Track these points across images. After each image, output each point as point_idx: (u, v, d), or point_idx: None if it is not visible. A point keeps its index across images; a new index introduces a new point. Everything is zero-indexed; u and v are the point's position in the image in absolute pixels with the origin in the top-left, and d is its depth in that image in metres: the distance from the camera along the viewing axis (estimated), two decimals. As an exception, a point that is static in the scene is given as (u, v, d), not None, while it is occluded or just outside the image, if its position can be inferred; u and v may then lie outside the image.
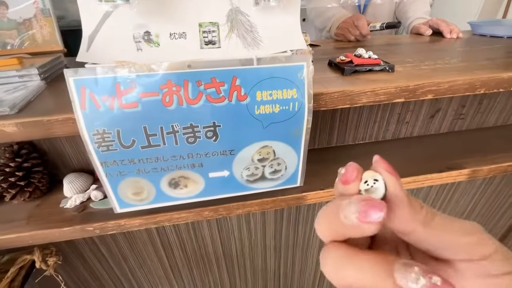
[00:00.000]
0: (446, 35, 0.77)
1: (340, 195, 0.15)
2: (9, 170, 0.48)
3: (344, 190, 0.15)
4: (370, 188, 0.14)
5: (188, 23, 0.37)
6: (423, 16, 0.90)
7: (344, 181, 0.14)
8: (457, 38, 0.76)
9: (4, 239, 0.45)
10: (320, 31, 0.98)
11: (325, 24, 0.91)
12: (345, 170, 0.15)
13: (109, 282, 0.73)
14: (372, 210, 0.12)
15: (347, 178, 0.14)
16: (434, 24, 0.81)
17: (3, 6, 0.55)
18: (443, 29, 0.78)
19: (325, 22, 0.91)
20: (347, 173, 0.14)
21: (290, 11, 0.38)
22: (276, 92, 0.36)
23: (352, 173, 0.14)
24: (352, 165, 0.15)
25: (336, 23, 0.85)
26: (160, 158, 0.39)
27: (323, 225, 0.15)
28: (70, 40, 0.63)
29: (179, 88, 0.34)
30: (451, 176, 0.54)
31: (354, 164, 0.15)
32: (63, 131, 0.36)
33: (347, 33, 0.77)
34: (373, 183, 0.14)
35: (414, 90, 0.42)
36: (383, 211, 0.12)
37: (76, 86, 0.33)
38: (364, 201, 0.13)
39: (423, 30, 0.82)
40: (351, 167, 0.15)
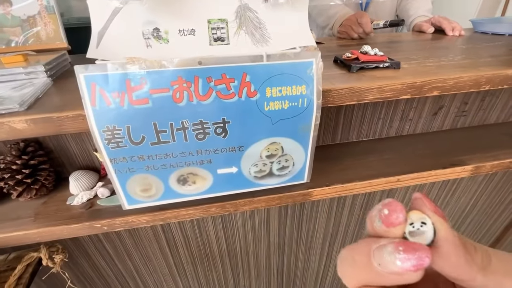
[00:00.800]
0: (448, 33, 0.77)
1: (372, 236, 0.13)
2: (15, 168, 0.48)
3: (385, 232, 0.13)
4: (415, 231, 0.12)
5: (197, 20, 0.37)
6: (425, 14, 0.91)
7: (388, 224, 0.12)
8: (459, 35, 0.77)
9: (12, 236, 0.45)
10: (323, 29, 0.98)
11: (328, 21, 0.91)
12: (388, 209, 0.12)
13: (113, 279, 0.74)
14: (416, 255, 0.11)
15: (392, 220, 0.12)
16: (436, 22, 0.82)
17: (6, 3, 0.54)
18: (445, 26, 0.78)
19: (327, 19, 0.91)
20: (392, 215, 0.12)
21: (298, 8, 0.38)
22: (286, 89, 0.36)
23: (399, 215, 0.12)
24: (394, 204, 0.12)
25: (339, 20, 0.85)
26: (169, 155, 0.39)
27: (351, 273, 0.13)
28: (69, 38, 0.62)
29: (189, 85, 0.34)
30: (454, 172, 0.55)
31: (397, 203, 0.13)
32: (73, 127, 0.36)
33: (350, 30, 0.77)
34: (419, 225, 0.12)
35: (420, 87, 0.43)
36: (429, 256, 0.11)
37: (86, 82, 0.33)
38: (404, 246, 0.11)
39: (425, 28, 0.82)
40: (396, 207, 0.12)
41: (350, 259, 0.13)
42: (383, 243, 0.12)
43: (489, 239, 0.99)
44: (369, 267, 0.12)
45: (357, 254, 0.13)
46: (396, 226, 0.12)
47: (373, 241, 0.13)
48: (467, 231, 0.93)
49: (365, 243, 0.13)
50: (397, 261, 0.11)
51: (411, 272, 0.11)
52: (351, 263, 0.13)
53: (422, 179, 0.55)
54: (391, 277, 0.11)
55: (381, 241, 0.12)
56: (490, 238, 0.99)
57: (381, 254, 0.12)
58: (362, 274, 0.13)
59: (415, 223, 0.12)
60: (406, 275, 0.11)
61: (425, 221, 0.12)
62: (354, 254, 0.13)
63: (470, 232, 0.94)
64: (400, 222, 0.12)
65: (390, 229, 0.12)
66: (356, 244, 0.13)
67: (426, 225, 0.12)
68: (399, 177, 0.54)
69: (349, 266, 0.13)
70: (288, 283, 0.92)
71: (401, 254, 0.11)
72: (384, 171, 0.55)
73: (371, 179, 0.53)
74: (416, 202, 0.13)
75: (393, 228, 0.12)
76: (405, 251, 0.11)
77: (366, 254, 0.12)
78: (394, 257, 0.11)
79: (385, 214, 0.12)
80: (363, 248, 0.13)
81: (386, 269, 0.11)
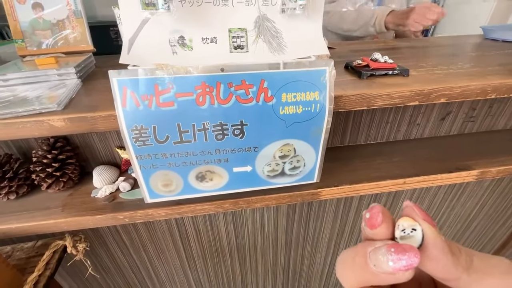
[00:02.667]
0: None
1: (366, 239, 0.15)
2: (46, 161, 0.52)
3: (372, 235, 0.14)
4: (406, 236, 0.14)
5: (219, 29, 0.40)
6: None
7: (370, 226, 0.14)
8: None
9: (43, 224, 0.49)
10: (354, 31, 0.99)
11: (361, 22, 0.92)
12: (370, 214, 0.14)
13: (128, 269, 0.78)
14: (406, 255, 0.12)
15: (373, 222, 0.14)
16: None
17: (39, 8, 0.58)
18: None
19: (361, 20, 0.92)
20: (372, 217, 0.14)
21: (314, 18, 0.41)
22: (300, 94, 0.39)
23: (377, 217, 0.14)
24: (376, 208, 0.14)
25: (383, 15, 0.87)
26: (190, 153, 0.42)
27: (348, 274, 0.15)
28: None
29: (212, 89, 0.37)
30: (460, 176, 0.57)
31: (378, 206, 0.14)
32: (104, 126, 0.39)
33: (424, 19, 0.77)
34: (410, 231, 0.14)
35: (428, 94, 0.45)
36: (417, 257, 0.12)
37: (118, 85, 0.36)
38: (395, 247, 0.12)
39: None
40: (376, 210, 0.14)
41: (350, 261, 0.14)
42: (378, 245, 0.13)
43: (495, 245, 1.00)
44: (366, 268, 0.13)
45: (356, 255, 0.14)
46: (376, 227, 0.14)
47: (369, 244, 0.14)
48: (472, 235, 0.94)
49: (362, 246, 0.14)
50: (390, 261, 0.12)
51: (403, 271, 0.12)
52: (350, 264, 0.14)
53: (428, 182, 0.57)
54: (385, 276, 0.13)
55: (376, 244, 0.13)
56: (496, 243, 0.99)
57: (376, 255, 0.13)
58: (360, 274, 0.14)
59: (406, 229, 0.14)
60: (398, 274, 0.12)
61: (415, 227, 0.14)
62: (354, 256, 0.14)
63: (475, 237, 0.95)
64: (379, 223, 0.14)
65: (374, 230, 0.14)
66: (355, 247, 0.14)
67: (416, 231, 0.14)
68: (406, 179, 0.56)
69: (348, 267, 0.14)
70: (293, 279, 0.94)
71: (393, 255, 0.12)
72: (391, 174, 0.57)
73: (379, 180, 0.55)
74: (407, 210, 0.15)
75: (376, 230, 0.14)
76: (396, 252, 0.12)
77: (363, 256, 0.13)
78: (387, 258, 0.12)
79: (367, 218, 0.14)
80: (361, 250, 0.14)
81: (381, 269, 0.13)
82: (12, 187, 0.52)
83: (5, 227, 0.48)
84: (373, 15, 0.90)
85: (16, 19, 0.58)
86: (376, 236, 0.14)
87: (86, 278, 0.76)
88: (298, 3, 0.38)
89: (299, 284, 0.97)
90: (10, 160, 0.53)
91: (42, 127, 0.38)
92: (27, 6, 0.58)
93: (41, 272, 0.50)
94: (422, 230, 0.14)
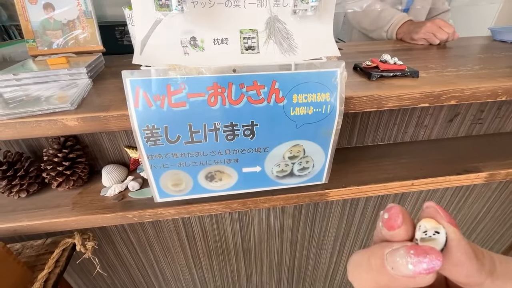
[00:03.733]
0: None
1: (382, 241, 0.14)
2: (57, 160, 0.52)
3: (390, 236, 0.13)
4: (427, 238, 0.13)
5: (230, 30, 0.41)
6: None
7: (389, 227, 0.13)
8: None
9: (53, 222, 0.49)
10: (371, 32, 1.00)
11: (379, 24, 0.93)
12: (388, 214, 0.13)
13: (134, 268, 0.78)
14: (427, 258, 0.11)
15: (392, 224, 0.13)
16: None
17: (50, 9, 0.59)
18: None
19: (378, 22, 0.93)
20: (391, 218, 0.13)
21: (324, 20, 0.41)
22: (311, 95, 0.39)
23: (397, 218, 0.13)
24: (395, 208, 0.13)
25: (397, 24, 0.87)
26: (201, 153, 0.42)
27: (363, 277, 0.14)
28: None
29: (223, 90, 0.37)
30: (469, 178, 0.57)
31: (397, 206, 0.14)
32: (117, 126, 0.40)
33: (432, 37, 0.78)
34: (432, 233, 0.13)
35: (439, 96, 0.45)
36: (440, 259, 0.11)
37: (131, 86, 0.37)
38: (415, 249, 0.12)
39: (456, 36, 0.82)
40: (395, 211, 0.13)
41: (365, 263, 0.14)
42: (396, 247, 0.12)
43: (502, 247, 0.99)
44: (383, 271, 0.12)
45: (372, 257, 0.13)
46: (395, 229, 0.13)
47: (386, 245, 0.13)
48: (479, 237, 0.93)
49: (379, 247, 0.13)
50: (409, 264, 0.11)
51: (423, 275, 0.11)
52: (365, 267, 0.13)
53: (436, 184, 0.57)
54: (404, 280, 0.12)
55: (394, 245, 0.13)
56: (503, 245, 0.98)
57: (394, 257, 0.12)
58: (376, 278, 0.13)
59: (429, 231, 0.13)
60: (419, 278, 0.12)
61: (439, 230, 0.13)
62: (369, 257, 0.13)
63: (482, 239, 0.94)
64: (399, 225, 0.13)
65: (391, 232, 0.13)
66: (369, 249, 0.14)
67: (439, 234, 0.13)
68: (414, 181, 0.56)
69: (363, 270, 0.14)
70: (298, 280, 0.94)
71: (412, 257, 0.11)
72: (399, 175, 0.57)
73: (386, 182, 0.55)
74: (429, 211, 0.14)
75: (395, 231, 0.13)
76: (416, 254, 0.11)
77: (380, 257, 0.13)
78: (406, 261, 0.12)
79: (385, 218, 0.13)
80: (378, 252, 0.13)
81: (399, 273, 0.12)
82: (23, 185, 0.52)
83: (16, 225, 0.49)
84: (389, 21, 0.90)
85: (28, 19, 0.59)
86: (394, 238, 0.13)
87: (93, 277, 0.76)
88: (310, 4, 0.38)
89: (304, 285, 0.97)
90: (21, 158, 0.54)
91: (55, 126, 0.38)
92: (39, 6, 0.58)
93: (51, 269, 0.50)
94: (446, 234, 0.13)
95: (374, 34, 0.99)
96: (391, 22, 0.89)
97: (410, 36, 0.83)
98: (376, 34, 0.97)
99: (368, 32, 1.02)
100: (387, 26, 0.90)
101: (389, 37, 0.92)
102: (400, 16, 0.89)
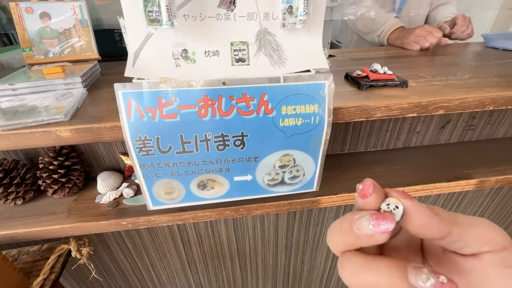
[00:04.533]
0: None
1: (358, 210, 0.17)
2: (52, 168, 0.53)
3: (363, 204, 0.16)
4: (388, 210, 0.16)
5: (221, 42, 0.41)
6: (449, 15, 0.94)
7: (362, 195, 0.16)
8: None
9: (49, 229, 0.50)
10: (364, 34, 1.01)
11: (373, 28, 0.94)
12: (362, 185, 0.17)
13: (131, 272, 0.79)
14: (384, 221, 0.14)
15: (364, 192, 0.16)
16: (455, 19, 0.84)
17: (46, 17, 0.60)
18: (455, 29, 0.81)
19: (372, 26, 0.94)
20: (364, 188, 0.16)
21: (313, 32, 0.42)
22: (300, 107, 0.40)
23: (369, 188, 0.16)
24: (368, 181, 0.17)
25: (389, 29, 0.89)
26: (192, 163, 0.43)
27: (336, 238, 0.17)
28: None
29: (213, 102, 0.38)
30: (459, 185, 0.57)
31: (370, 179, 0.17)
32: (110, 136, 0.40)
33: (423, 41, 0.79)
34: (394, 207, 0.16)
35: (426, 106, 0.45)
36: (393, 223, 0.14)
37: (123, 98, 0.37)
38: (377, 215, 0.15)
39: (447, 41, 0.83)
40: (368, 183, 0.16)
41: (338, 227, 0.17)
42: (363, 214, 0.15)
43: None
44: (350, 231, 0.16)
45: (343, 221, 0.16)
46: (368, 197, 0.16)
47: (355, 213, 0.16)
48: (473, 242, 0.94)
49: (349, 214, 0.16)
50: (370, 225, 0.15)
51: (379, 234, 0.15)
52: (338, 229, 0.17)
53: (427, 191, 0.57)
54: (366, 238, 0.15)
55: (362, 213, 0.16)
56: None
57: (360, 221, 0.15)
58: (345, 237, 0.16)
59: (391, 205, 0.16)
60: (376, 236, 0.15)
61: (398, 205, 0.16)
62: (341, 222, 0.17)
63: (476, 243, 0.95)
64: (370, 193, 0.16)
65: (364, 200, 0.16)
66: (343, 216, 0.17)
67: (398, 208, 0.16)
68: (405, 188, 0.56)
69: (336, 232, 0.17)
70: (293, 284, 0.95)
71: (374, 220, 0.15)
72: (391, 182, 0.57)
73: (377, 189, 0.55)
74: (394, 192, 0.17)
75: (367, 200, 0.16)
76: (376, 218, 0.15)
77: (349, 221, 0.16)
78: (368, 223, 0.15)
79: (360, 188, 0.17)
80: (348, 217, 0.16)
81: (362, 232, 0.15)
82: (19, 193, 0.53)
83: (12, 232, 0.49)
84: (382, 26, 0.91)
85: (24, 28, 0.60)
86: (365, 206, 0.16)
87: (90, 281, 0.77)
88: (299, 18, 0.39)
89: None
90: (17, 166, 0.55)
91: (49, 137, 0.39)
92: (35, 15, 0.59)
93: (47, 276, 0.51)
94: (404, 207, 0.16)
95: (367, 37, 1.00)
96: (384, 27, 0.91)
97: (401, 41, 0.84)
98: (370, 37, 0.98)
99: (362, 35, 1.03)
100: (380, 30, 0.92)
101: (381, 41, 0.93)
102: (393, 22, 0.90)
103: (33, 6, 0.59)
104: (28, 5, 0.58)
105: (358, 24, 1.01)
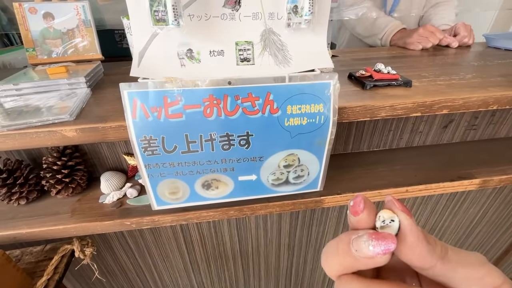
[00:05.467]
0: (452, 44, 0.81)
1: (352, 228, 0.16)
2: (56, 168, 0.53)
3: (356, 222, 0.16)
4: (385, 226, 0.15)
5: (226, 42, 0.42)
6: (448, 24, 0.93)
7: (353, 212, 0.16)
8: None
9: (52, 230, 0.50)
10: (365, 38, 1.01)
11: (374, 31, 0.94)
12: (353, 202, 0.16)
13: (133, 273, 0.79)
14: (385, 241, 0.14)
15: (356, 209, 0.16)
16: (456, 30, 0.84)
17: (49, 17, 0.60)
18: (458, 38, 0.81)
19: (372, 29, 0.94)
20: (355, 205, 0.16)
21: (318, 32, 0.42)
22: (305, 107, 0.40)
23: (360, 204, 0.15)
24: (358, 197, 0.16)
25: (392, 31, 0.89)
26: (197, 162, 0.43)
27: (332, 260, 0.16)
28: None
29: (219, 102, 0.38)
30: (462, 185, 0.57)
31: (361, 195, 0.16)
32: (115, 136, 0.40)
33: (426, 41, 0.80)
34: (389, 221, 0.15)
35: (430, 106, 0.46)
36: (394, 242, 0.14)
37: (129, 98, 0.37)
38: (375, 234, 0.14)
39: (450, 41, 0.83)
40: (358, 199, 0.16)
41: (334, 248, 0.16)
42: (361, 233, 0.14)
43: (497, 251, 1.00)
44: (349, 253, 0.15)
45: (340, 243, 0.15)
46: (359, 213, 0.15)
47: (352, 233, 0.15)
48: (475, 241, 0.94)
49: (346, 234, 0.15)
50: (370, 246, 0.14)
51: (381, 255, 0.14)
52: (334, 252, 0.16)
53: (430, 190, 0.57)
54: (365, 261, 0.14)
55: (359, 233, 0.15)
56: (498, 250, 0.99)
57: (358, 242, 0.14)
58: (343, 260, 0.15)
59: (386, 220, 0.15)
60: (377, 258, 0.14)
61: (393, 218, 0.15)
62: (338, 243, 0.15)
63: (477, 244, 0.95)
64: (362, 210, 0.15)
65: (357, 217, 0.16)
66: (338, 237, 0.16)
67: (394, 222, 0.15)
68: (408, 188, 0.56)
69: (333, 255, 0.16)
70: (296, 284, 0.95)
71: (373, 241, 0.14)
72: (394, 182, 0.57)
73: (381, 189, 0.56)
74: (387, 204, 0.16)
75: (359, 216, 0.15)
76: (376, 239, 0.14)
77: (346, 243, 0.15)
78: (368, 244, 0.14)
79: (351, 205, 0.16)
80: (344, 238, 0.15)
81: (362, 254, 0.14)
82: (22, 193, 0.53)
83: (16, 232, 0.49)
84: (384, 29, 0.91)
85: (28, 28, 0.60)
86: (359, 224, 0.16)
87: (92, 282, 0.77)
88: (303, 18, 0.39)
89: (301, 289, 0.97)
90: (21, 166, 0.55)
91: (54, 137, 0.39)
92: (38, 16, 0.59)
93: (50, 276, 0.51)
94: (400, 221, 0.15)
95: (368, 40, 1.00)
96: (385, 30, 0.91)
97: (404, 40, 0.84)
98: (371, 40, 0.98)
99: (362, 38, 1.03)
100: (381, 34, 0.92)
101: (383, 44, 0.94)
102: (394, 24, 0.90)
103: (37, 7, 0.59)
104: (31, 5, 0.58)
105: (358, 27, 1.01)
